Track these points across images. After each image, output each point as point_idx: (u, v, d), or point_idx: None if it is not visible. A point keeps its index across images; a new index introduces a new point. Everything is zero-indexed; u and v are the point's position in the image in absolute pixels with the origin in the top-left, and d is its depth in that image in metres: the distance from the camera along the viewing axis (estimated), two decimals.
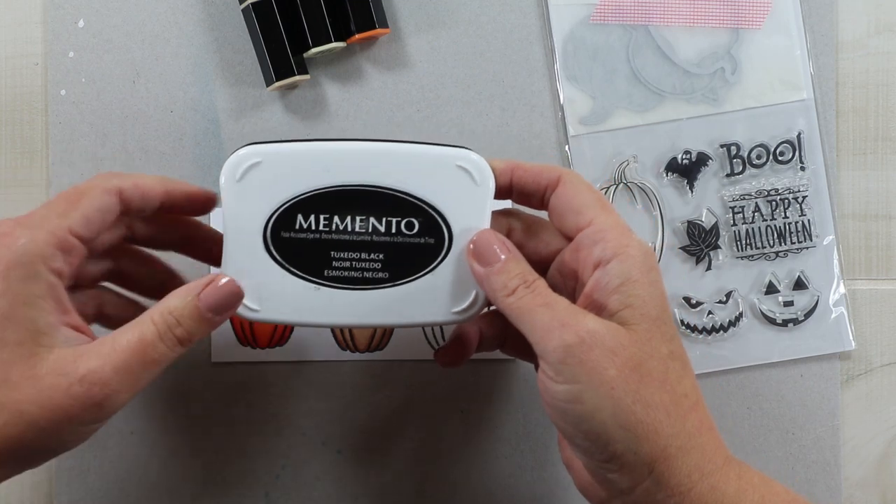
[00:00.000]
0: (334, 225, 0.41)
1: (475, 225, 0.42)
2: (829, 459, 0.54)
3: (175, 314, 0.39)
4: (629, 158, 0.54)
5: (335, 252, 0.41)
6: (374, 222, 0.41)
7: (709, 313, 0.54)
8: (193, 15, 0.54)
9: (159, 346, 0.38)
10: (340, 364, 0.54)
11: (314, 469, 0.54)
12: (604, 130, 0.54)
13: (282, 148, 0.41)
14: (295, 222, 0.41)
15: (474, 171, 0.41)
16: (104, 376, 0.37)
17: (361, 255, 0.42)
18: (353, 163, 0.41)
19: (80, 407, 0.37)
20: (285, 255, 0.41)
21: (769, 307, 0.54)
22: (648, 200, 0.54)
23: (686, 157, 0.54)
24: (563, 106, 0.54)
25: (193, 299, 0.39)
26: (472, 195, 0.42)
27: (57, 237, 0.39)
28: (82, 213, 0.40)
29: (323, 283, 0.42)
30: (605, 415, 0.37)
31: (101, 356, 0.38)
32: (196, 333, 0.39)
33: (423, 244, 0.42)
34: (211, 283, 0.40)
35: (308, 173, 0.41)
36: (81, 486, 0.54)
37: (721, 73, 0.54)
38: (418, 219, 0.41)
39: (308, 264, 0.42)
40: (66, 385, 0.37)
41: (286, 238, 0.41)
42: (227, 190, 0.41)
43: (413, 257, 0.42)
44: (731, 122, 0.54)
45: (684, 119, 0.54)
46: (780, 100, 0.54)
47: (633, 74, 0.54)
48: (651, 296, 0.39)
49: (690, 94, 0.54)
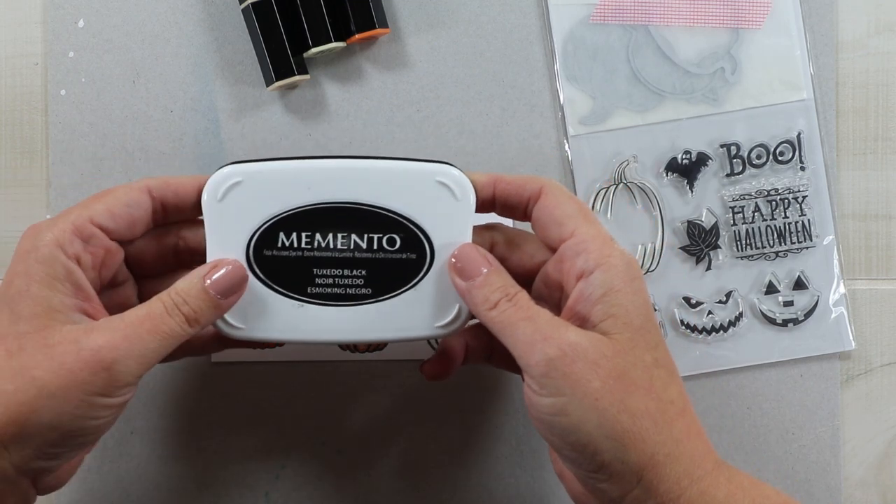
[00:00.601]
0: (316, 242, 0.42)
1: (456, 240, 0.42)
2: (829, 459, 0.54)
3: (182, 294, 0.40)
4: (629, 158, 0.54)
5: (318, 269, 0.42)
6: (356, 239, 0.42)
7: (709, 313, 0.54)
8: (193, 15, 0.54)
9: (167, 320, 0.39)
10: (340, 364, 0.54)
11: (314, 469, 0.54)
12: (604, 130, 0.54)
13: (263, 167, 0.42)
14: (277, 240, 0.42)
15: (454, 186, 0.42)
16: (113, 340, 0.38)
17: (344, 271, 0.42)
18: (334, 180, 0.41)
19: (90, 371, 0.37)
20: (268, 273, 0.42)
21: (769, 307, 0.54)
22: (648, 200, 0.54)
23: (686, 157, 0.54)
24: (563, 106, 0.54)
25: (199, 280, 0.40)
26: (452, 210, 0.42)
27: (75, 225, 0.40)
28: (106, 205, 0.41)
29: (306, 300, 0.42)
30: (590, 426, 0.37)
31: (110, 328, 0.39)
32: (203, 314, 0.40)
33: (404, 260, 0.42)
34: (216, 266, 0.41)
35: (289, 192, 0.41)
36: (81, 486, 0.54)
37: (721, 73, 0.54)
38: (400, 235, 0.42)
39: (291, 282, 0.42)
40: (76, 350, 0.38)
41: (269, 256, 0.42)
42: (209, 209, 0.42)
43: (395, 273, 0.42)
44: (731, 122, 0.54)
45: (684, 119, 0.54)
46: (780, 100, 0.54)
47: (633, 74, 0.54)
48: (634, 305, 0.39)
49: (690, 94, 0.54)
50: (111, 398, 0.39)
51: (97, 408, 0.38)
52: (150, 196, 0.42)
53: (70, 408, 0.38)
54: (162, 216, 0.43)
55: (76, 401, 0.38)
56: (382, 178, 0.42)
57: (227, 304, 0.41)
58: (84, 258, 0.40)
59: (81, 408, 0.38)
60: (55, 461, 0.40)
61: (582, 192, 0.54)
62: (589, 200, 0.54)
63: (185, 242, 0.44)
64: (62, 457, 0.40)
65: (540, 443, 0.54)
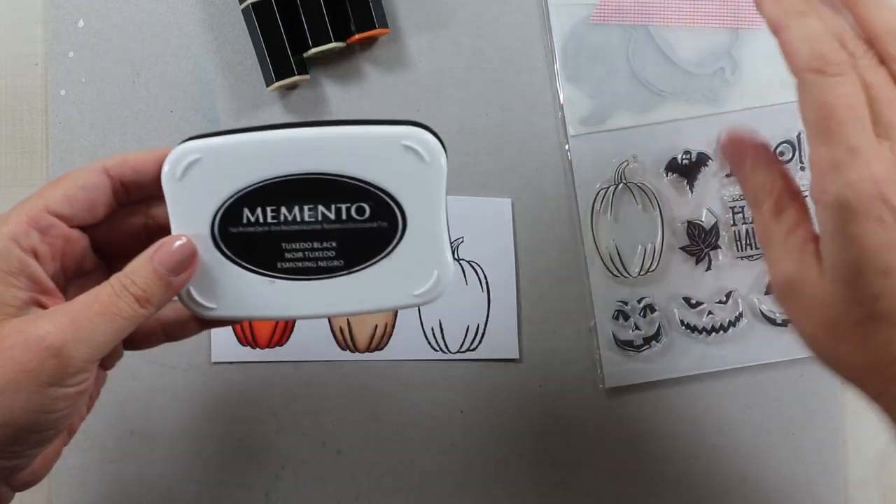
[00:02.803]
0: (282, 216, 0.40)
1: (429, 205, 0.40)
2: (829, 459, 0.54)
3: (130, 274, 0.39)
4: (629, 158, 0.54)
5: (286, 243, 0.40)
6: (324, 210, 0.40)
7: (709, 313, 0.54)
8: (193, 15, 0.54)
9: (117, 302, 0.38)
10: (340, 364, 0.54)
11: (314, 469, 0.54)
12: (604, 130, 0.54)
13: (221, 141, 0.40)
14: (242, 216, 0.40)
15: (422, 149, 0.40)
16: (61, 326, 0.37)
17: (314, 244, 0.41)
18: (296, 151, 0.40)
19: (38, 360, 0.36)
20: (236, 250, 0.41)
21: (769, 307, 0.54)
22: (648, 200, 0.54)
23: (686, 157, 0.54)
24: (563, 106, 0.54)
25: (147, 259, 0.39)
26: (422, 174, 0.40)
27: (30, 216, 0.39)
28: (62, 191, 0.40)
29: (277, 275, 0.41)
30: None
31: (58, 313, 0.37)
32: (154, 293, 0.39)
33: (376, 228, 0.40)
34: (164, 244, 0.40)
35: (250, 166, 0.40)
36: (81, 486, 0.54)
37: (721, 73, 0.54)
38: (369, 203, 0.40)
39: (260, 258, 0.41)
40: (23, 340, 0.36)
41: (235, 233, 0.40)
42: (170, 189, 0.40)
43: (367, 243, 0.41)
44: (730, 122, 0.54)
45: (684, 119, 0.54)
46: (780, 100, 0.54)
47: (632, 75, 0.54)
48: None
49: (690, 95, 0.54)
50: (64, 387, 0.37)
51: (51, 399, 0.37)
52: (108, 176, 0.41)
53: (21, 401, 0.36)
54: (125, 195, 0.42)
55: (27, 393, 0.36)
56: (346, 145, 0.40)
57: (180, 282, 0.40)
58: (42, 250, 0.39)
59: (33, 401, 0.37)
60: (18, 460, 0.39)
61: (582, 193, 0.54)
62: (589, 201, 0.54)
63: (154, 221, 0.43)
64: (24, 455, 0.39)
65: (540, 442, 0.54)
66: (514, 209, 0.54)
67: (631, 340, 0.54)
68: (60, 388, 0.37)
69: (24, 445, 0.38)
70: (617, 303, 0.54)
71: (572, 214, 0.54)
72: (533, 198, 0.54)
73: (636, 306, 0.54)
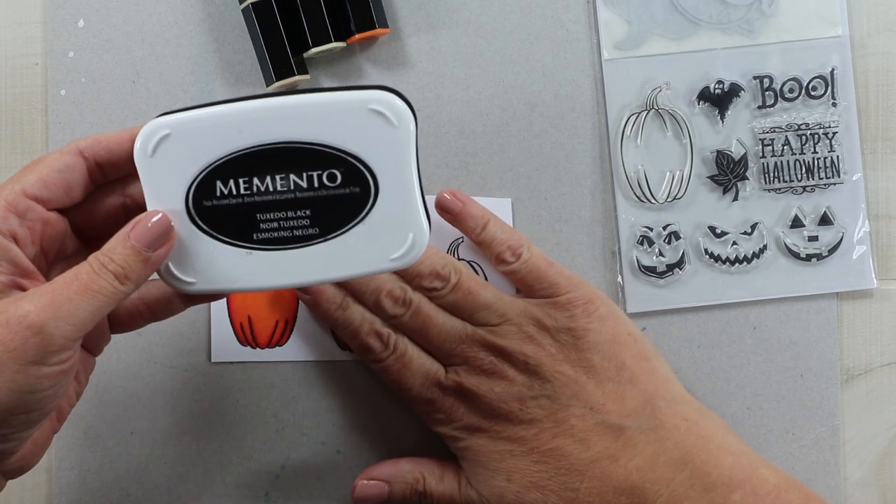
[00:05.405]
0: (255, 187, 0.40)
1: (400, 169, 0.40)
2: (829, 459, 0.54)
3: (108, 252, 0.39)
4: (662, 85, 0.54)
5: (261, 214, 0.41)
6: (295, 179, 0.40)
7: (733, 244, 0.54)
8: (193, 15, 0.54)
9: (96, 279, 0.38)
10: (340, 364, 0.54)
11: (314, 469, 0.54)
12: (638, 56, 0.54)
13: (190, 116, 0.40)
14: (215, 189, 0.40)
15: (389, 112, 0.40)
16: (41, 304, 0.37)
17: (288, 213, 0.41)
18: (264, 121, 0.40)
19: (20, 339, 0.36)
20: (211, 223, 0.41)
21: (794, 241, 0.54)
22: (679, 128, 0.54)
23: (719, 86, 0.54)
24: (598, 29, 0.54)
25: (124, 236, 0.39)
26: (391, 138, 0.40)
27: (7, 201, 0.39)
28: (38, 175, 0.40)
29: (254, 247, 0.41)
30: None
31: (38, 293, 0.38)
32: (132, 269, 0.39)
33: (348, 194, 0.41)
34: (140, 220, 0.40)
35: (220, 138, 0.40)
36: (81, 486, 0.54)
37: (758, 4, 0.54)
38: (339, 169, 0.40)
39: (236, 230, 0.41)
40: (5, 321, 0.37)
41: (209, 207, 0.41)
42: (142, 166, 0.40)
43: (341, 209, 0.41)
44: (765, 54, 0.54)
45: (719, 49, 0.54)
46: (816, 35, 0.54)
47: (669, 1, 0.54)
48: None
49: (726, 24, 0.54)
50: (48, 366, 0.37)
51: (35, 378, 0.37)
52: (83, 157, 0.41)
53: (5, 381, 0.37)
54: (101, 176, 0.42)
55: (10, 373, 0.37)
56: (313, 112, 0.40)
57: (158, 258, 0.40)
58: (21, 233, 0.40)
59: (17, 381, 0.37)
60: (7, 443, 0.39)
61: (613, 117, 0.54)
62: (619, 125, 0.54)
63: (132, 200, 0.44)
64: (12, 438, 0.39)
65: None
66: (514, 209, 0.54)
67: (654, 266, 0.54)
68: (44, 367, 0.37)
69: (11, 428, 0.38)
70: (642, 227, 0.54)
71: (602, 138, 0.54)
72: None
73: (661, 232, 0.54)
